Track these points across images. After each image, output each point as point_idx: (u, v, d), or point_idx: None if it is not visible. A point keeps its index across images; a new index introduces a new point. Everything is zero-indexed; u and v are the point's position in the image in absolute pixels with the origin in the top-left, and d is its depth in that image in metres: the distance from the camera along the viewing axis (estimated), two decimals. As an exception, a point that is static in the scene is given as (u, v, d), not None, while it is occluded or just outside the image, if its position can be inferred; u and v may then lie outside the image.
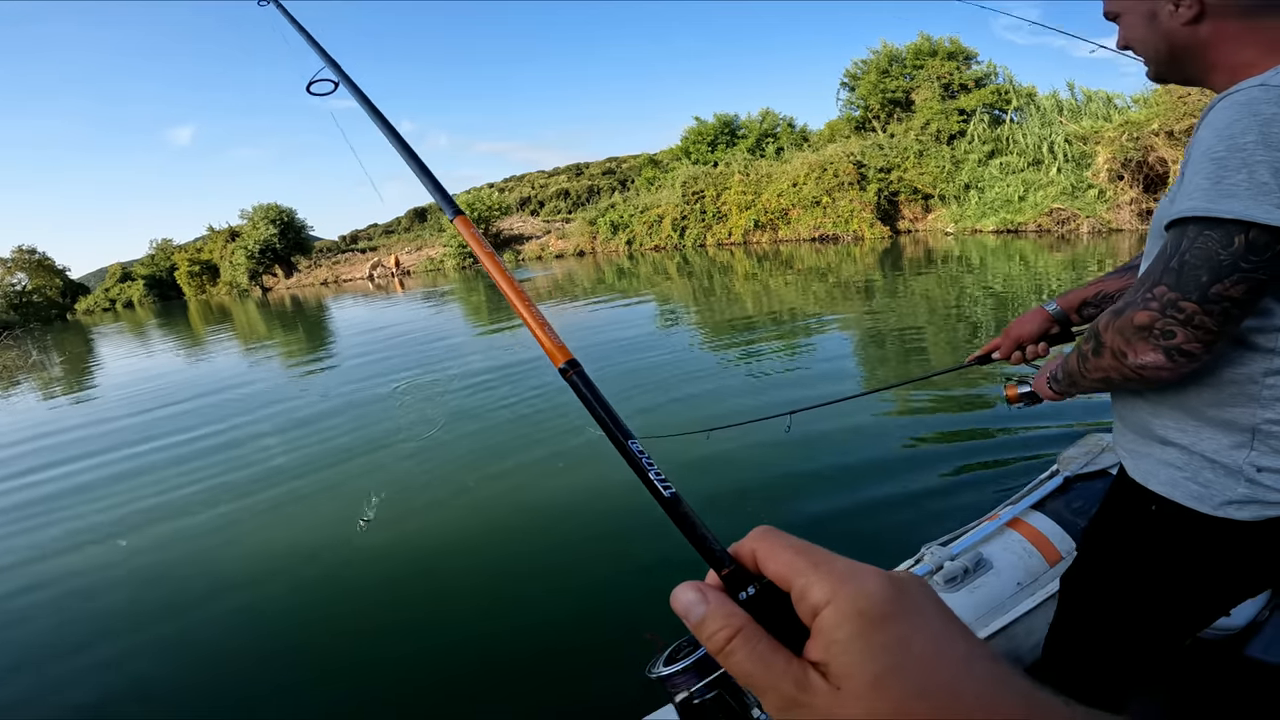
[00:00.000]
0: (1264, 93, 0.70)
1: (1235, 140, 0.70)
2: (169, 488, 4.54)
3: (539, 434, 4.63)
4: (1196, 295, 0.71)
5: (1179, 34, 0.83)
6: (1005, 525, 1.69)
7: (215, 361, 11.17)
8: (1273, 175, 0.68)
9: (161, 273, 38.85)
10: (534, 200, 38.94)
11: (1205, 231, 0.71)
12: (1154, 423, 0.89)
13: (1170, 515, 0.87)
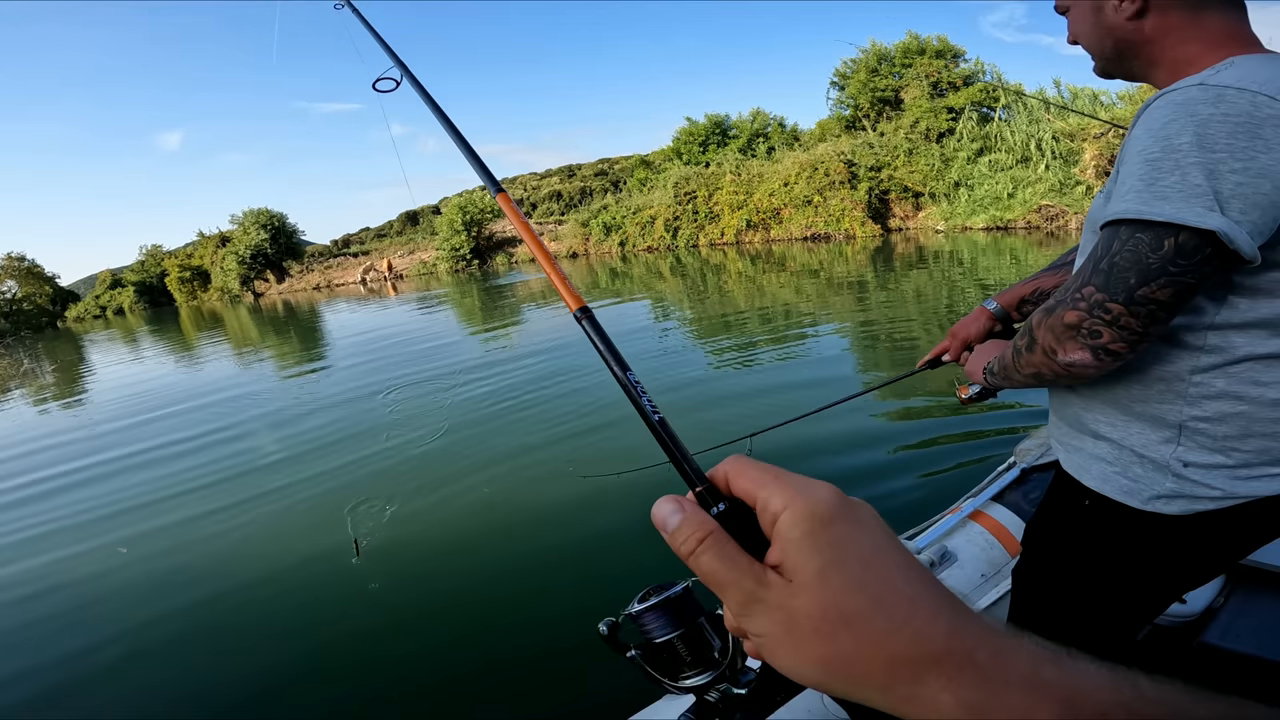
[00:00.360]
0: (1201, 92, 0.70)
1: (1170, 141, 0.70)
2: (166, 490, 4.55)
3: (540, 432, 4.66)
4: (1123, 297, 0.72)
5: (1123, 28, 0.83)
6: (967, 518, 1.72)
7: (208, 367, 11.13)
8: (1206, 178, 0.67)
9: (152, 279, 38.60)
10: (527, 202, 38.92)
11: (1137, 234, 0.71)
12: (1086, 417, 0.90)
13: (1103, 510, 0.89)
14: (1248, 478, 0.79)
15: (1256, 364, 0.76)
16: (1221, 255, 0.69)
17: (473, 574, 2.98)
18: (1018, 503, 1.76)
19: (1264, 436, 0.78)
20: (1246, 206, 0.67)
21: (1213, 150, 0.67)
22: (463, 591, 2.85)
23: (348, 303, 20.98)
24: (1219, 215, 0.66)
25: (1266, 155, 0.67)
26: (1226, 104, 0.68)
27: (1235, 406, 0.77)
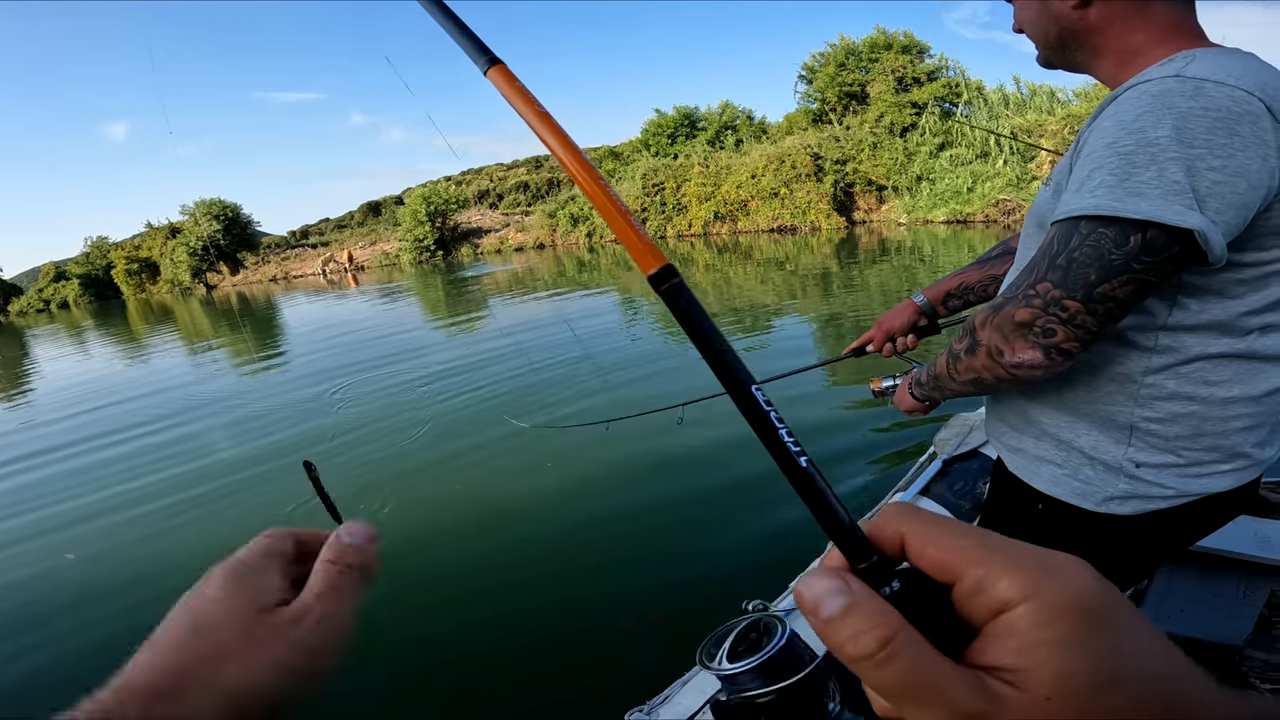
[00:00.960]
0: (1179, 84, 0.66)
1: (1145, 134, 0.66)
2: (105, 488, 4.32)
3: (503, 427, 4.54)
4: (1081, 294, 0.69)
5: (1068, 16, 0.80)
6: None
7: (156, 362, 10.66)
8: (1186, 174, 0.64)
9: (98, 271, 36.94)
10: (493, 193, 38.29)
11: (1100, 229, 0.68)
12: (1031, 418, 0.89)
13: (1057, 514, 0.87)
14: (1198, 475, 0.79)
15: (1207, 363, 0.75)
16: (1189, 255, 0.66)
17: (455, 570, 2.86)
18: (944, 495, 1.76)
19: (1214, 435, 0.77)
20: (1222, 206, 0.64)
21: (1192, 146, 0.64)
22: (418, 588, 2.72)
23: (306, 295, 20.35)
24: (1198, 214, 0.64)
25: (1243, 153, 0.64)
26: (1205, 98, 0.65)
27: (1186, 407, 0.77)
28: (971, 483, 1.81)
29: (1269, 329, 0.75)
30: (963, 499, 1.76)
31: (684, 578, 2.55)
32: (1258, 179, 0.65)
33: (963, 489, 1.79)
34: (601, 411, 4.14)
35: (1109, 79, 0.81)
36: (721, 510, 3.01)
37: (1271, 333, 0.75)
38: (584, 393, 4.99)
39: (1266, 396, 0.77)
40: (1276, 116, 0.65)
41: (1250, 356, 0.75)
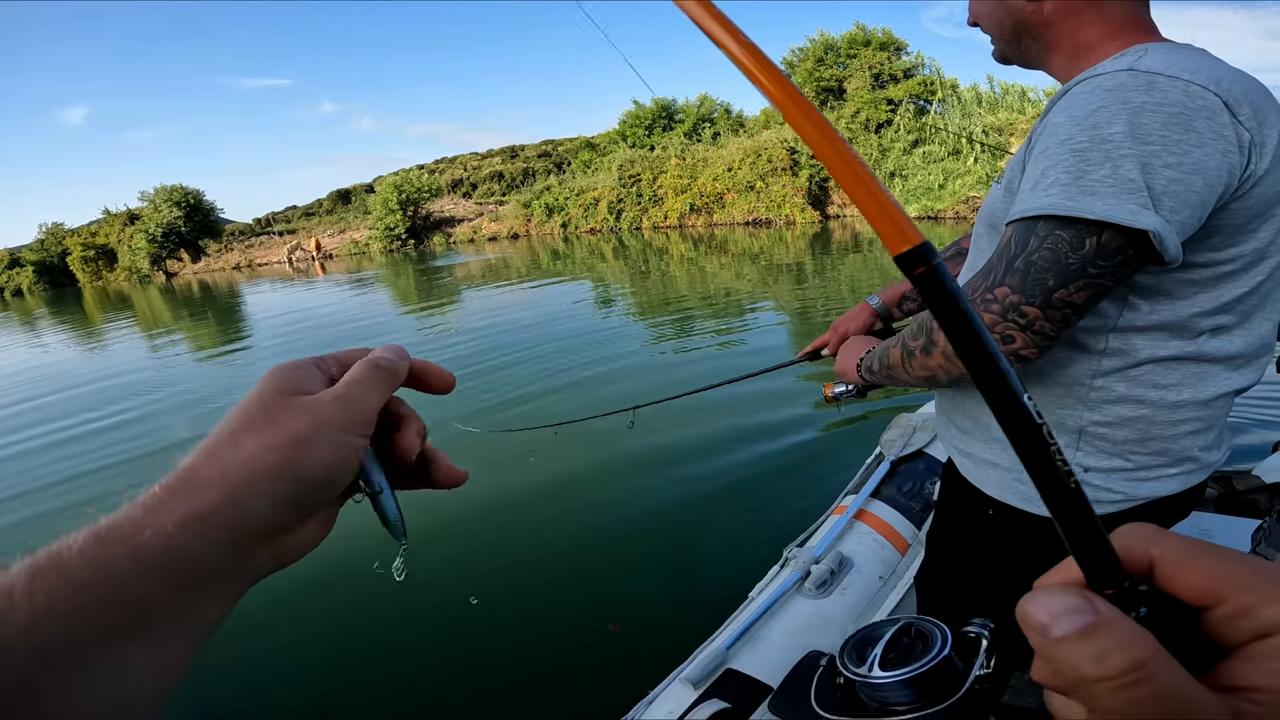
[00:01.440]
0: (1132, 78, 0.64)
1: (1100, 130, 0.63)
2: (52, 477, 4.09)
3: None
4: (1040, 300, 0.66)
5: (1022, 9, 0.78)
6: (854, 518, 1.72)
7: (113, 351, 10.23)
8: (1140, 172, 0.62)
9: (53, 258, 35.48)
10: (466, 182, 37.64)
11: (1056, 231, 0.65)
12: (980, 422, 0.87)
13: (1007, 519, 0.86)
14: (1146, 479, 0.78)
15: (1157, 366, 0.74)
16: (1145, 256, 0.64)
17: (445, 568, 2.73)
18: (894, 497, 1.78)
19: (1162, 439, 0.76)
20: (1177, 205, 0.62)
21: (1146, 142, 0.62)
22: (436, 587, 2.61)
23: (271, 283, 19.78)
24: (1152, 214, 0.61)
25: (1199, 150, 0.62)
26: (1160, 92, 0.63)
27: (1135, 410, 0.76)
28: (919, 483, 1.84)
29: (1220, 330, 0.73)
30: (912, 500, 1.78)
31: (647, 585, 2.47)
32: (1215, 176, 0.63)
33: (911, 490, 1.81)
34: (550, 414, 4.00)
35: (1061, 74, 0.80)
36: (678, 516, 2.94)
37: (1221, 334, 0.73)
38: (534, 394, 4.84)
39: (1214, 400, 0.76)
40: (1233, 111, 0.63)
41: (1200, 359, 0.74)
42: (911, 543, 1.68)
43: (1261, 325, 0.76)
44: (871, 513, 1.73)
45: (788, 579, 1.51)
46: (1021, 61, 0.85)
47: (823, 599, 1.48)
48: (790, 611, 1.44)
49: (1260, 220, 0.69)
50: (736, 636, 1.34)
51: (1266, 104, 0.66)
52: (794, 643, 1.34)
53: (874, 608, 1.48)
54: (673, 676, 1.29)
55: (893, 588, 1.53)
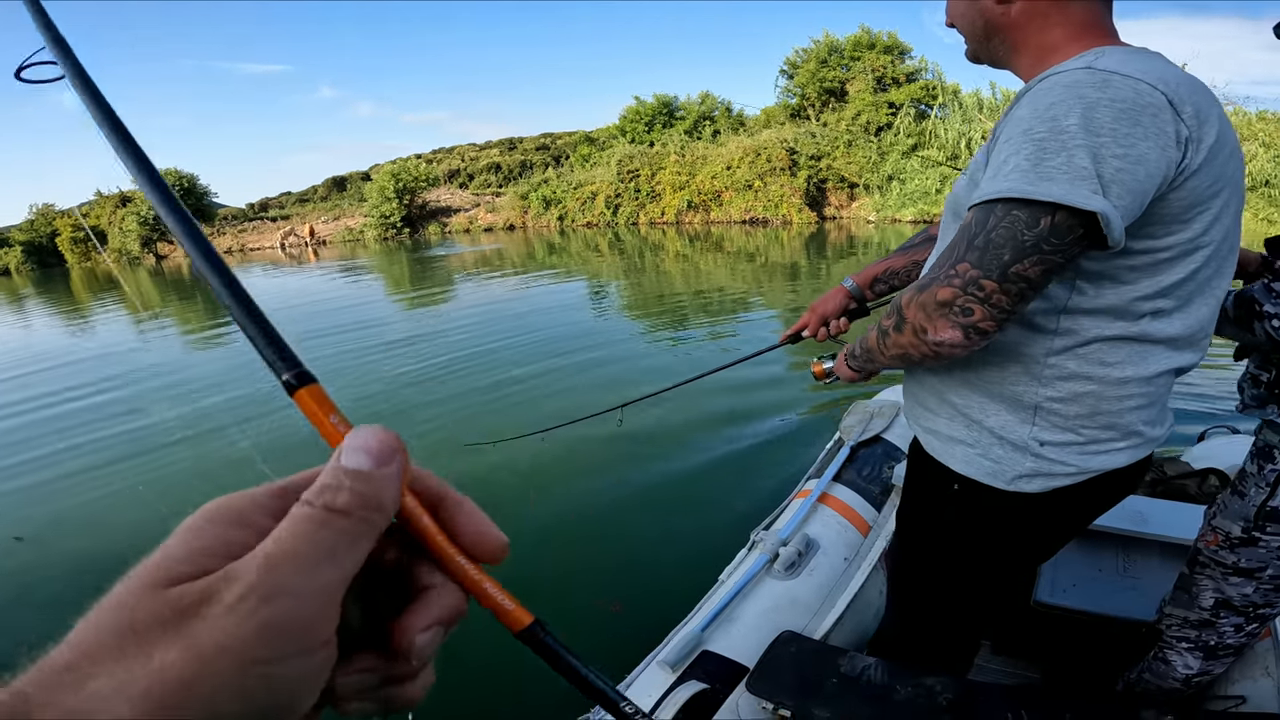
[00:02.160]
0: (1089, 75, 0.69)
1: (1058, 122, 0.69)
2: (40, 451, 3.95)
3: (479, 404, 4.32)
4: (997, 274, 0.71)
5: (992, 11, 0.83)
6: (817, 502, 1.76)
7: (99, 331, 10.06)
8: (1091, 160, 0.67)
9: (42, 239, 35.06)
10: (464, 172, 37.40)
11: (1014, 211, 0.70)
12: (945, 399, 0.92)
13: (971, 492, 0.90)
14: (1097, 453, 0.84)
15: (1103, 345, 0.80)
16: (1091, 238, 0.70)
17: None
18: (855, 480, 1.83)
19: (1110, 414, 0.82)
20: (1123, 191, 0.68)
21: (1098, 134, 0.67)
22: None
23: (263, 268, 19.58)
24: (1101, 198, 0.67)
25: (1144, 142, 0.68)
26: (1113, 89, 0.68)
27: (1085, 386, 0.81)
28: (877, 468, 1.90)
29: (1160, 313, 0.79)
30: (872, 483, 1.84)
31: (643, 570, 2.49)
32: (1155, 167, 0.69)
33: (870, 474, 1.87)
34: (542, 411, 4.06)
35: (1027, 74, 0.84)
36: (648, 501, 3.00)
37: (1162, 317, 0.79)
38: (521, 394, 4.73)
39: (1156, 377, 0.82)
40: (1177, 109, 0.69)
41: (1142, 339, 0.80)
42: (872, 525, 1.74)
43: (1200, 310, 0.82)
44: (834, 496, 1.78)
45: (757, 561, 1.54)
46: (991, 61, 0.89)
47: (792, 580, 1.52)
48: (761, 593, 1.47)
49: (1195, 211, 0.74)
50: (710, 618, 1.37)
51: (1208, 107, 0.72)
52: (767, 623, 1.37)
53: (840, 589, 1.52)
54: (650, 659, 1.30)
55: (858, 568, 1.58)
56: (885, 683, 1.07)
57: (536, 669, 0.25)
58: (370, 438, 0.20)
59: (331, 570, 0.18)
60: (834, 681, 1.09)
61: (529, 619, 0.25)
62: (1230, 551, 1.14)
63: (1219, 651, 1.22)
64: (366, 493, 0.19)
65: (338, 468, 0.20)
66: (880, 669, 1.09)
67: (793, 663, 1.16)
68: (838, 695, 1.06)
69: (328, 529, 0.18)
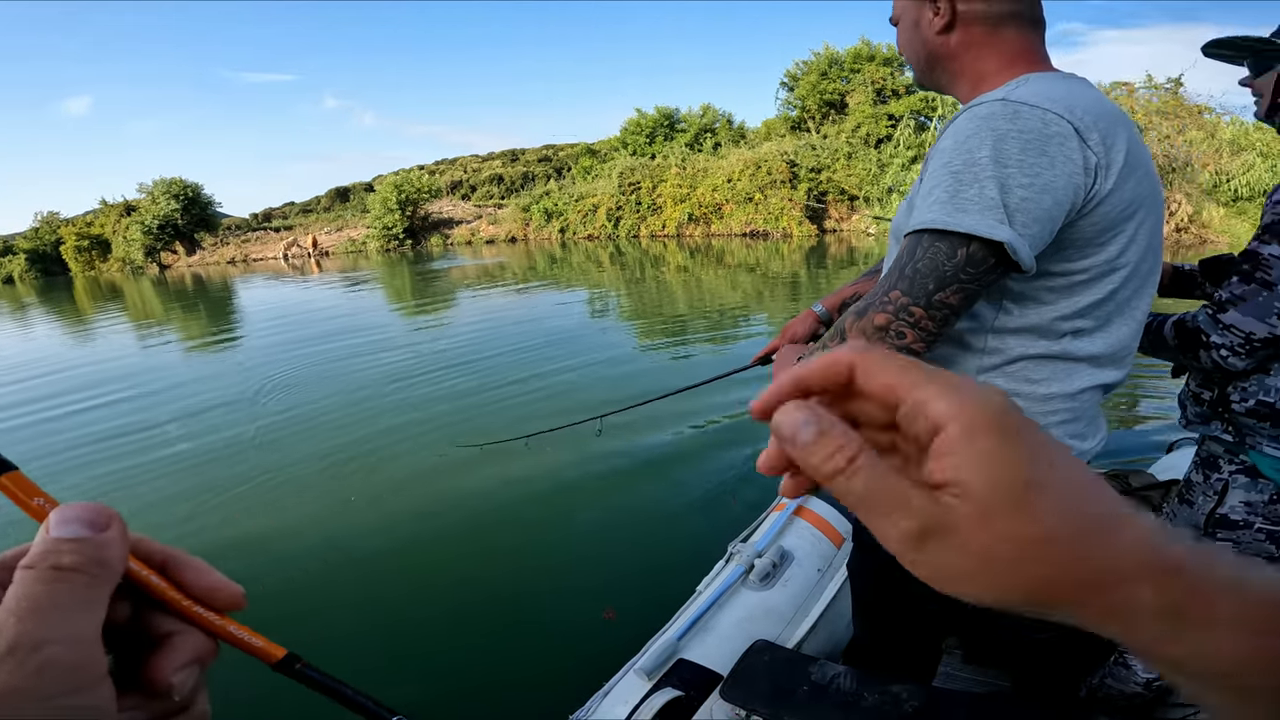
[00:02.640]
0: (1002, 108, 0.73)
1: (972, 155, 0.73)
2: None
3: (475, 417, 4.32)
4: (923, 301, 0.75)
5: (934, 41, 0.88)
6: (792, 515, 1.81)
7: (100, 341, 10.09)
8: (999, 191, 0.71)
9: (46, 247, 35.21)
10: (466, 184, 37.61)
11: (936, 242, 0.74)
12: None
13: None
14: None
15: (1029, 363, 0.85)
16: (1004, 264, 0.73)
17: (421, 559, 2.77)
18: (828, 494, 1.82)
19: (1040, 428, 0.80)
20: (1029, 220, 0.71)
21: (1005, 165, 0.71)
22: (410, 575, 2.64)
23: (265, 278, 19.65)
24: (1007, 228, 0.71)
25: (1049, 171, 0.71)
26: (1021, 120, 0.72)
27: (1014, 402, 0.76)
28: None
29: (1080, 333, 0.83)
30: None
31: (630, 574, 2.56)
32: (1063, 194, 0.72)
33: None
34: (524, 423, 4.10)
35: (965, 99, 0.88)
36: (628, 515, 3.06)
37: (1082, 336, 0.84)
38: (513, 402, 4.85)
39: (1080, 394, 0.86)
40: (1083, 136, 0.72)
41: (1064, 357, 0.84)
42: (846, 537, 1.78)
43: (1121, 329, 0.86)
44: (809, 509, 1.83)
45: (733, 572, 1.58)
46: (936, 87, 0.93)
47: (766, 590, 1.55)
48: (736, 603, 1.50)
49: (1109, 234, 0.78)
50: (687, 628, 1.40)
51: (1116, 131, 0.75)
52: (741, 632, 1.40)
53: (814, 599, 1.56)
54: (627, 668, 1.32)
55: (830, 578, 1.62)
56: (854, 690, 1.10)
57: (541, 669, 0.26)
58: (82, 510, 0.22)
59: (83, 618, 0.20)
60: (805, 689, 1.12)
61: (281, 652, 0.27)
62: None
63: None
64: (91, 554, 0.21)
65: (54, 538, 0.22)
66: (849, 677, 1.12)
67: (766, 671, 1.19)
68: (808, 703, 1.10)
69: (63, 584, 0.20)
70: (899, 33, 0.94)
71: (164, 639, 0.24)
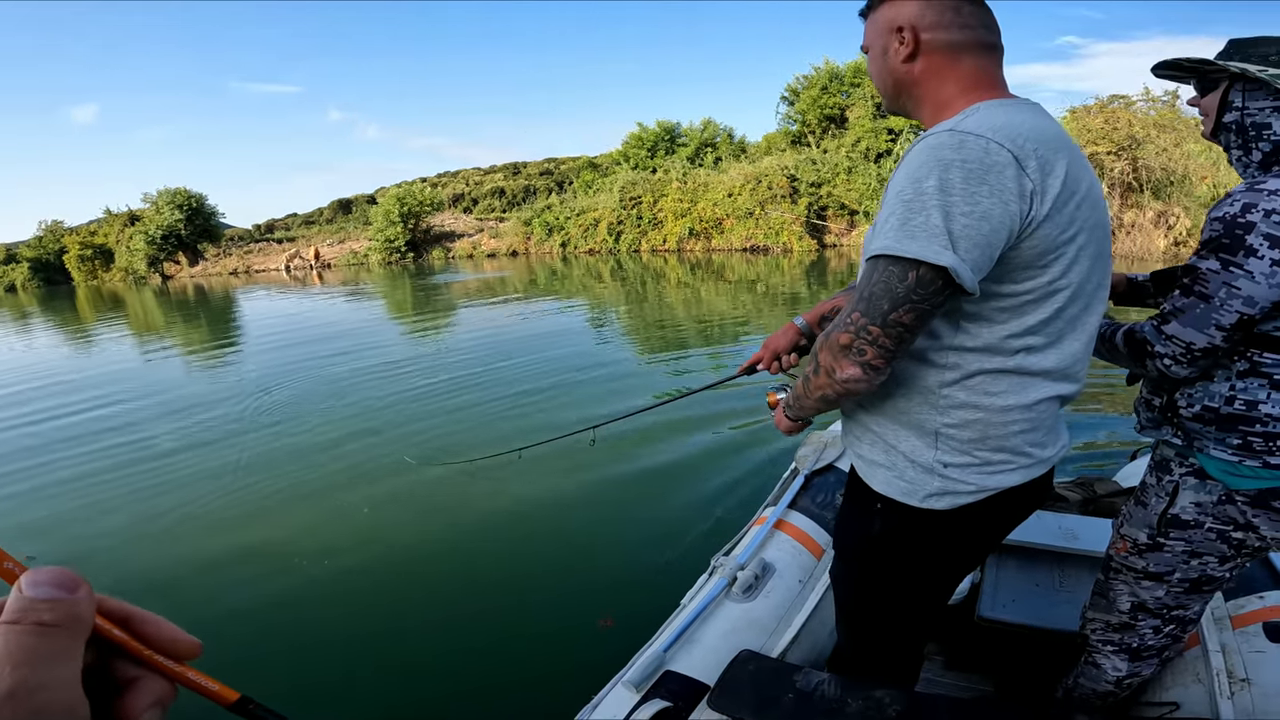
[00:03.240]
0: (950, 138, 0.78)
1: (920, 184, 0.77)
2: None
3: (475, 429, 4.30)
4: (880, 321, 0.81)
5: (899, 69, 0.93)
6: (773, 528, 1.84)
7: (103, 351, 10.08)
8: (943, 219, 0.76)
9: (49, 256, 35.29)
10: (468, 197, 37.81)
11: (890, 266, 0.80)
12: (868, 427, 1.01)
13: (891, 510, 1.00)
14: (993, 472, 0.93)
15: (986, 378, 0.90)
16: (950, 286, 0.79)
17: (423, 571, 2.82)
18: (809, 507, 1.93)
19: (997, 438, 0.92)
20: (970, 245, 0.77)
21: (949, 194, 0.76)
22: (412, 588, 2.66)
23: (266, 290, 19.70)
24: (951, 253, 0.76)
25: (989, 199, 0.76)
26: (965, 150, 0.76)
27: (974, 414, 0.91)
28: (830, 494, 2.00)
29: (1031, 349, 0.88)
30: (825, 510, 1.94)
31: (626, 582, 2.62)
32: (1000, 221, 0.77)
33: (824, 500, 1.97)
34: (519, 436, 4.16)
35: (928, 124, 0.93)
36: (614, 527, 3.14)
37: (1035, 352, 0.89)
38: (508, 417, 4.90)
39: (1036, 405, 0.91)
40: (1022, 164, 0.77)
41: (1020, 371, 0.89)
42: (825, 549, 1.81)
43: (1072, 344, 0.91)
44: (789, 522, 1.86)
45: (717, 585, 1.61)
46: (902, 112, 0.98)
47: (749, 602, 1.58)
48: (721, 615, 1.53)
49: (1049, 257, 0.83)
50: (673, 640, 1.43)
51: (1056, 157, 0.80)
52: (726, 644, 1.43)
53: (796, 610, 1.59)
54: (615, 680, 1.34)
55: (812, 590, 1.66)
56: (838, 697, 1.12)
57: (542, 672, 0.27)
58: (54, 574, 0.25)
59: (67, 666, 0.24)
60: (790, 697, 1.15)
61: (235, 695, 0.30)
62: (1139, 557, 1.22)
63: (1143, 653, 1.29)
64: (68, 611, 0.25)
65: (30, 598, 0.24)
66: (833, 684, 1.15)
67: (751, 680, 1.21)
68: (794, 710, 1.12)
69: (47, 638, 0.23)
70: (869, 61, 0.98)
71: (129, 684, 0.28)
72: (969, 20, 0.90)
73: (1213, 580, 1.19)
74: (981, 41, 0.90)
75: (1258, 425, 1.03)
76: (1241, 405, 1.04)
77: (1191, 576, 1.18)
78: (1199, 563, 1.17)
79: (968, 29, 0.89)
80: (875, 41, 0.95)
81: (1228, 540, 1.13)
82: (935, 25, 0.89)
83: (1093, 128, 13.39)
